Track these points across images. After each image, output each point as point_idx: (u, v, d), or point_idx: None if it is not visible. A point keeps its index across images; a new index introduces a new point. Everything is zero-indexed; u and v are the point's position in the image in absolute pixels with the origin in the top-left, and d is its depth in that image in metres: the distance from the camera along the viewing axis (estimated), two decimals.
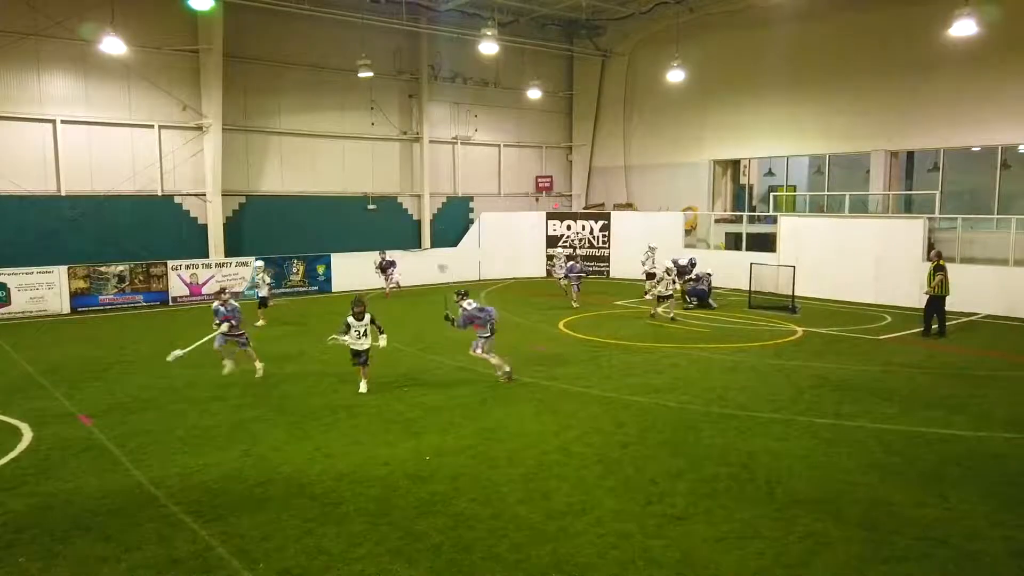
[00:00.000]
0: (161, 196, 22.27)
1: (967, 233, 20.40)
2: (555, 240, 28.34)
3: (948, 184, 22.79)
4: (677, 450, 8.79)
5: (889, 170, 23.12)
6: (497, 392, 11.47)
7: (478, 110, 29.06)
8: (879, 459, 8.51)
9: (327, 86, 25.12)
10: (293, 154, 24.84)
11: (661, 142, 28.97)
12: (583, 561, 6.11)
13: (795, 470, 8.14)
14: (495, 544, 6.41)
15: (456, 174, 28.88)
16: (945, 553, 6.27)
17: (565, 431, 9.50)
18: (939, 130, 21.67)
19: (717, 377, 12.41)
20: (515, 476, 7.97)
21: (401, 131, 27.09)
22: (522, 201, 30.89)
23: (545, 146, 31.45)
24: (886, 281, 20.28)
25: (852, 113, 23.39)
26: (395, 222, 27.16)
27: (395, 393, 11.40)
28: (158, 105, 21.96)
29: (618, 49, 29.77)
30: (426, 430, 9.57)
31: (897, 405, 10.70)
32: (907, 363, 13.51)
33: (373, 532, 6.65)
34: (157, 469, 8.21)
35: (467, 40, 25.83)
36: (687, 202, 27.71)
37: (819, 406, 10.67)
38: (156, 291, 21.08)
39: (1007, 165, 21.40)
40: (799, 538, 6.52)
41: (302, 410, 10.53)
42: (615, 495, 7.46)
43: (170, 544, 6.42)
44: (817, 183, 26.67)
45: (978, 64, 20.40)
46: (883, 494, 7.49)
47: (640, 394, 11.30)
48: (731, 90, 26.34)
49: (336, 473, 8.07)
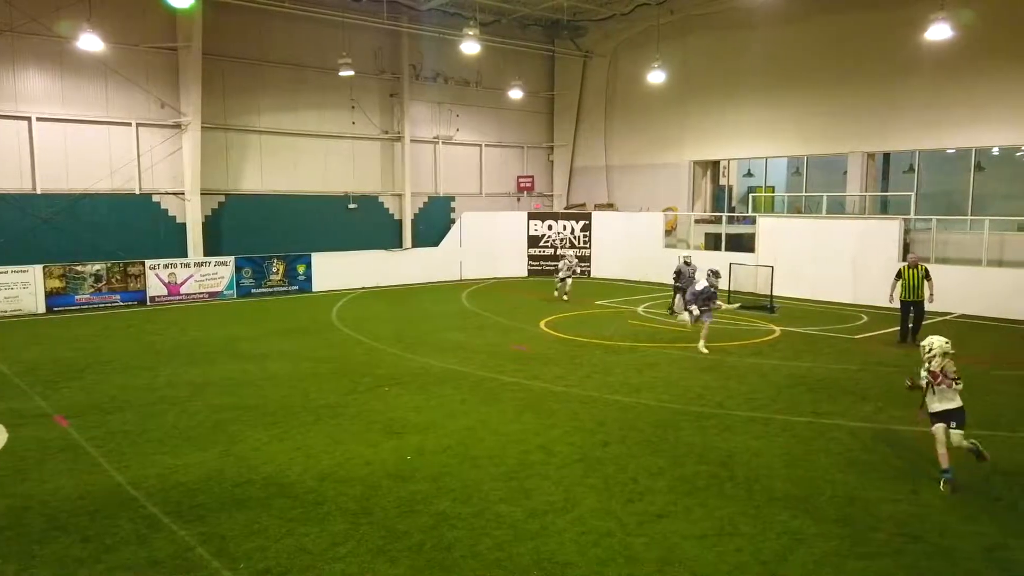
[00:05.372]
0: (139, 194, 22.05)
1: (941, 234, 20.73)
2: (536, 240, 28.40)
3: (923, 185, 23.12)
4: (657, 449, 8.87)
5: (866, 171, 23.40)
6: (478, 392, 11.50)
7: (460, 110, 29.06)
8: (855, 456, 8.64)
9: (308, 85, 25.00)
10: (273, 153, 24.70)
11: (642, 143, 29.12)
12: (564, 559, 6.16)
13: (773, 468, 8.24)
14: (476, 542, 6.45)
15: (438, 174, 28.86)
16: (919, 549, 6.39)
17: (547, 430, 9.55)
18: (914, 132, 21.97)
19: (697, 376, 12.52)
20: (497, 475, 8.00)
21: (382, 130, 27.02)
22: (504, 201, 30.93)
23: (527, 146, 31.50)
24: (863, 281, 20.54)
25: (829, 115, 23.65)
26: (376, 222, 27.09)
27: (376, 393, 11.39)
28: (136, 103, 21.74)
29: (599, 50, 29.89)
30: (407, 430, 9.58)
31: (873, 403, 10.85)
32: (883, 362, 13.70)
33: (355, 531, 6.65)
34: (136, 469, 8.15)
35: (449, 40, 25.83)
36: (667, 203, 27.89)
37: (797, 405, 10.81)
38: (134, 291, 20.84)
39: (981, 167, 21.75)
40: (776, 535, 6.62)
41: (282, 410, 10.49)
42: (596, 493, 7.52)
43: (149, 545, 6.38)
44: (795, 184, 26.96)
45: (953, 67, 20.71)
46: (859, 491, 7.61)
47: (621, 393, 11.38)
48: (711, 91, 26.54)
49: (317, 473, 8.05)
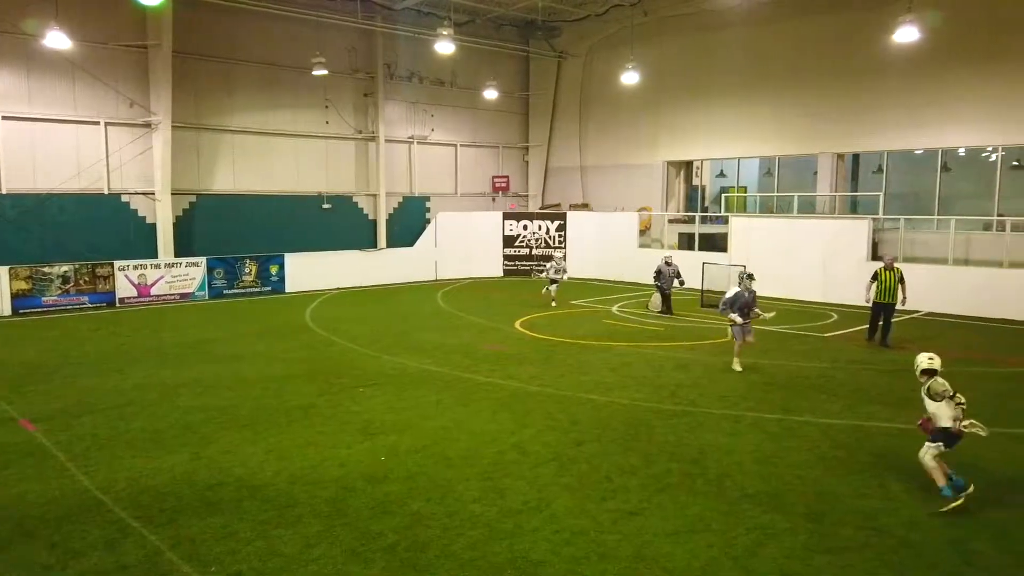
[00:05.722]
0: (107, 194, 21.69)
1: (909, 233, 21.11)
2: (512, 240, 28.43)
3: (891, 186, 23.49)
4: (631, 447, 8.94)
5: (836, 172, 23.74)
6: (453, 392, 11.49)
7: (435, 110, 28.99)
8: (824, 453, 8.78)
9: (281, 84, 24.78)
10: (246, 152, 24.44)
11: (616, 143, 29.27)
12: (538, 557, 6.19)
13: (744, 465, 8.34)
14: (450, 542, 6.45)
15: (412, 173, 28.76)
16: (886, 542, 6.51)
17: (521, 430, 9.58)
18: (883, 133, 22.32)
19: (670, 375, 12.63)
20: (471, 475, 8.01)
21: (356, 130, 26.87)
22: (479, 201, 30.92)
23: (502, 146, 31.52)
24: (832, 280, 20.84)
25: (800, 116, 23.96)
26: (350, 222, 26.93)
27: (351, 394, 11.34)
28: (104, 102, 21.39)
29: (574, 50, 29.99)
30: (382, 431, 9.55)
31: (842, 400, 11.03)
32: (852, 360, 13.92)
33: (328, 533, 6.62)
34: (104, 474, 8.03)
35: (423, 39, 25.75)
36: (642, 202, 28.07)
37: (767, 402, 10.95)
38: (103, 292, 20.51)
39: (947, 168, 22.17)
40: (747, 530, 6.70)
41: (254, 412, 10.40)
42: (570, 492, 7.56)
43: (118, 550, 6.30)
44: (767, 184, 27.27)
45: (920, 70, 21.08)
46: (827, 486, 7.73)
47: (595, 392, 11.44)
48: (684, 92, 26.75)
49: (290, 475, 8.00)
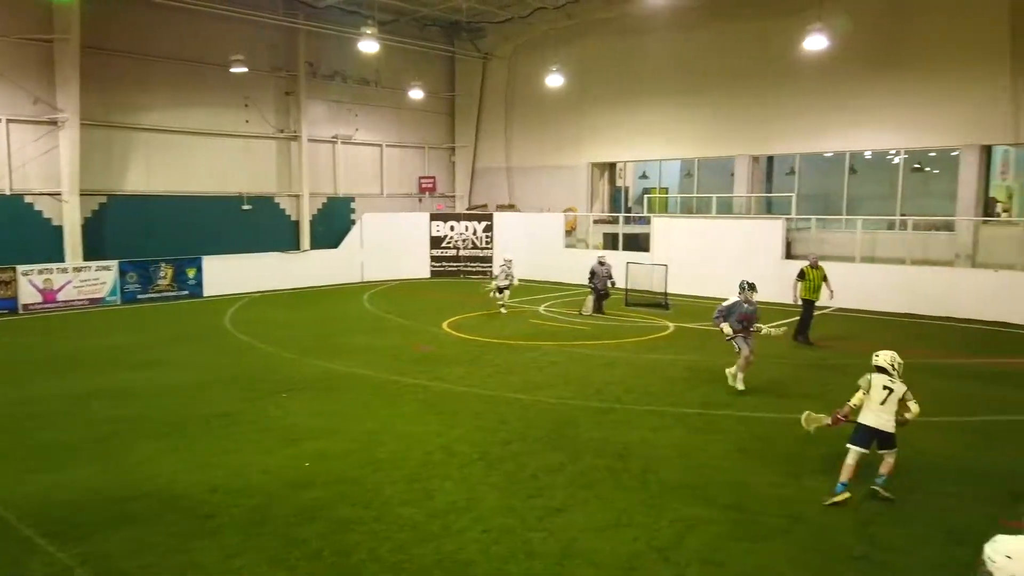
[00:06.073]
0: (9, 195, 20.50)
1: (820, 232, 22.07)
2: (439, 241, 28.31)
3: (803, 187, 24.47)
4: (557, 444, 9.03)
5: (751, 174, 24.60)
6: (380, 395, 11.36)
7: (359, 109, 28.58)
8: (744, 444, 9.09)
9: (199, 82, 23.91)
10: (161, 152, 23.49)
11: (542, 144, 29.52)
12: (465, 558, 6.18)
13: (667, 458, 8.55)
14: (377, 546, 6.38)
15: (337, 174, 28.26)
16: (802, 529, 6.78)
17: (448, 431, 9.55)
18: (795, 136, 23.24)
19: (595, 373, 12.82)
20: (398, 478, 7.94)
21: (278, 129, 26.24)
22: (405, 202, 30.66)
23: (428, 147, 31.35)
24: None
25: (719, 119, 24.69)
26: (272, 223, 26.24)
27: (273, 400, 11.06)
28: (5, 97, 20.18)
29: (499, 52, 30.10)
30: (306, 436, 9.35)
31: (759, 394, 11.44)
32: (769, 354, 14.38)
33: (250, 542, 6.45)
34: (7, 490, 7.59)
35: (347, 38, 25.35)
36: (567, 203, 28.40)
37: (689, 397, 11.26)
38: (4, 298, 19.37)
39: (854, 170, 23.27)
40: (670, 522, 6.87)
41: (172, 420, 10.02)
42: (497, 491, 7.58)
43: (24, 569, 5.97)
44: (687, 185, 28.02)
45: (829, 76, 21.99)
46: (747, 477, 8.01)
47: (522, 391, 11.51)
48: (608, 95, 27.18)
49: (209, 484, 7.75)
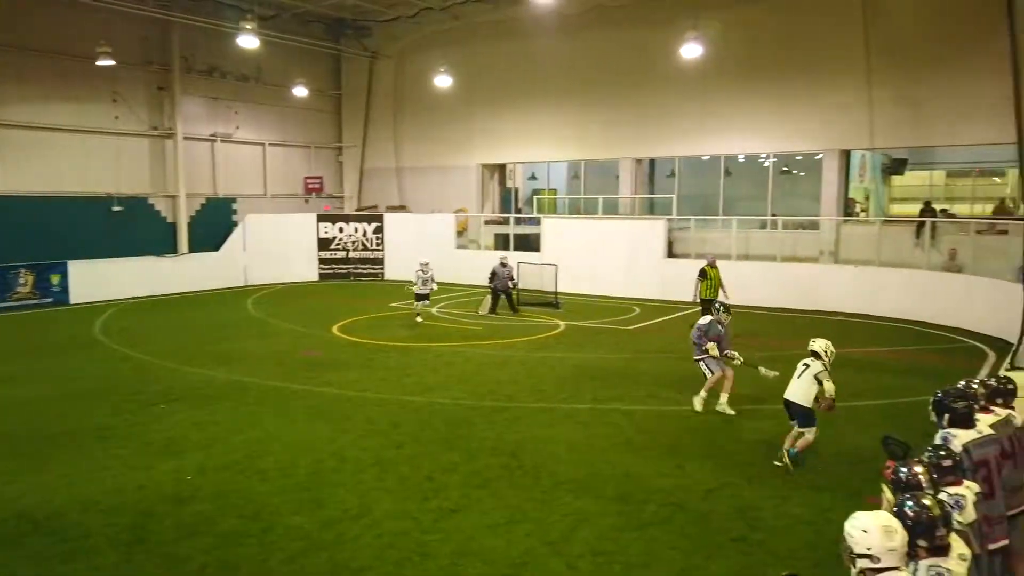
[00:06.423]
0: None
1: (699, 232, 23.15)
2: (327, 243, 27.67)
3: (683, 188, 25.57)
4: (451, 445, 9.06)
5: (635, 176, 25.50)
6: (266, 403, 11.02)
7: (239, 107, 27.47)
8: (630, 437, 9.43)
9: (63, 75, 22.22)
10: (19, 149, 21.69)
11: (432, 145, 29.39)
12: (359, 564, 6.12)
13: (558, 454, 8.75)
14: (267, 558, 6.20)
15: (216, 173, 27.05)
16: (683, 516, 7.11)
17: (340, 436, 9.39)
18: (675, 140, 24.23)
19: (489, 372, 12.93)
20: (287, 487, 7.74)
21: (151, 126, 24.85)
22: (291, 203, 29.71)
23: (314, 146, 30.55)
24: (634, 276, 22.36)
25: (604, 123, 25.38)
26: (146, 225, 24.79)
27: (150, 412, 10.51)
28: None
29: (386, 51, 29.73)
30: (188, 448, 8.95)
31: (645, 388, 11.89)
32: (654, 349, 15.03)
33: (127, 562, 6.13)
34: None
35: (225, 32, 24.32)
36: (458, 204, 28.41)
37: (579, 393, 11.55)
38: None
39: (729, 172, 24.55)
40: (562, 516, 7.05)
41: (37, 438, 9.34)
42: (391, 495, 7.53)
43: None
44: (575, 187, 28.69)
45: (706, 83, 23.05)
46: (633, 468, 8.31)
47: (416, 394, 11.46)
48: (497, 97, 27.38)
49: (81, 503, 7.28)
